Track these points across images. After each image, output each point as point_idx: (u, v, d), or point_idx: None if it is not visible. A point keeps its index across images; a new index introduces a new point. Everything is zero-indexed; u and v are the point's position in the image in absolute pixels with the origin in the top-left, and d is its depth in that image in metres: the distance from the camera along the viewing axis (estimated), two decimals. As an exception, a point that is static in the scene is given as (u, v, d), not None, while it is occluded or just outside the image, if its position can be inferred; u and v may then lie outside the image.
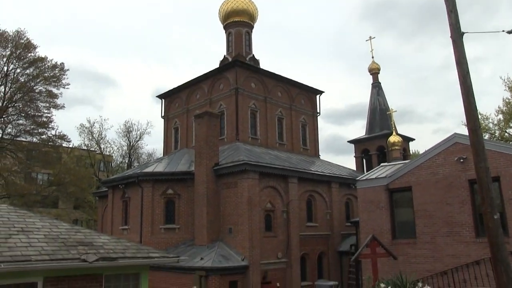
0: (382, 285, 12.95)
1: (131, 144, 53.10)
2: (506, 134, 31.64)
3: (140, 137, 53.37)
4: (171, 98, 35.92)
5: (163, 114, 36.37)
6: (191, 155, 26.92)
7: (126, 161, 53.64)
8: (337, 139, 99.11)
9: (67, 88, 37.56)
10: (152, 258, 10.80)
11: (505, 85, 31.35)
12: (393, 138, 27.29)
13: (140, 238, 24.23)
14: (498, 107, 31.34)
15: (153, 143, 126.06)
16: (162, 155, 36.09)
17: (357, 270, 21.91)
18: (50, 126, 36.98)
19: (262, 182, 24.04)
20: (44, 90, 36.39)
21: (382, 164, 22.08)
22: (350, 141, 37.71)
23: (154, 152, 56.24)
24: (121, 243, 11.03)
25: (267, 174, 24.24)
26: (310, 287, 25.15)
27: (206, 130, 24.43)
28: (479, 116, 13.95)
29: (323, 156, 46.93)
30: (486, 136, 28.98)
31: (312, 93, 35.28)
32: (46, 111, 36.73)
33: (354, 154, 37.24)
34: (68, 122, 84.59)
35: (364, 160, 36.78)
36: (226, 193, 24.11)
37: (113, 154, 54.18)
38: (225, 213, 23.99)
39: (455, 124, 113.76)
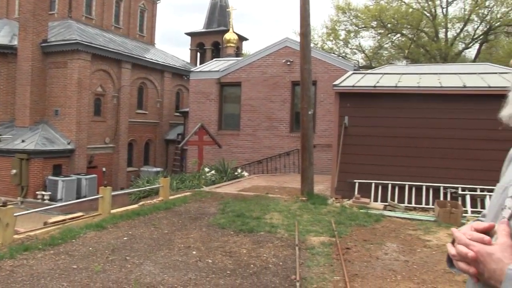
0: (207, 169, 14.24)
1: None
2: (326, 46, 34.98)
3: None
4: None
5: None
6: (13, 27, 24.37)
7: None
8: (175, 31, 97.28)
9: None
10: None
11: (332, 3, 34.11)
12: (229, 35, 28.01)
13: None
14: (324, 22, 34.25)
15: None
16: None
17: (182, 158, 23.21)
18: None
19: (94, 64, 23.18)
20: None
21: (216, 59, 22.88)
22: (187, 33, 37.64)
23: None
24: None
25: (100, 57, 23.38)
26: (135, 172, 25.91)
27: (34, 1, 22.25)
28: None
29: (159, 46, 46.25)
30: (311, 45, 31.65)
31: (154, -21, 33.82)
32: None
33: (189, 47, 37.46)
34: None
35: (199, 54, 37.26)
36: (54, 73, 22.74)
37: None
38: (52, 94, 22.75)
39: (288, 31, 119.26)
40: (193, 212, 8.70)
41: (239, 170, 15.95)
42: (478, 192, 9.69)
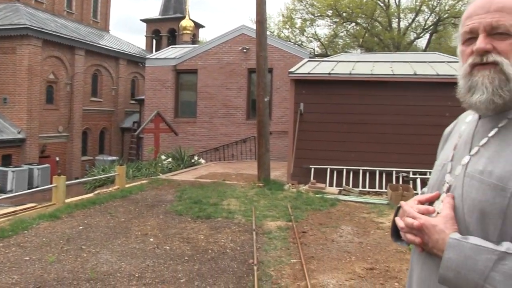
0: (163, 156, 14.15)
1: None
2: (282, 34, 35.19)
3: None
4: None
5: None
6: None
7: None
8: (130, 17, 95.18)
9: None
10: None
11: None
12: (185, 22, 27.69)
13: None
14: (280, 10, 34.48)
15: None
16: None
17: (137, 146, 22.90)
18: None
19: (46, 51, 22.47)
20: None
21: (172, 46, 22.63)
22: (143, 20, 37.00)
23: None
24: None
25: (52, 43, 22.68)
26: (90, 161, 25.43)
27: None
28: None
29: (114, 33, 45.25)
30: (267, 33, 31.78)
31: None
32: None
33: (145, 34, 36.85)
34: None
35: (155, 41, 36.73)
36: (2, 59, 21.89)
37: None
38: (0, 81, 22.01)
39: (245, 19, 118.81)
40: (150, 200, 8.66)
41: (196, 158, 15.91)
42: (428, 176, 10.05)
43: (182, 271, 4.88)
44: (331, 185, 10.54)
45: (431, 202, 1.25)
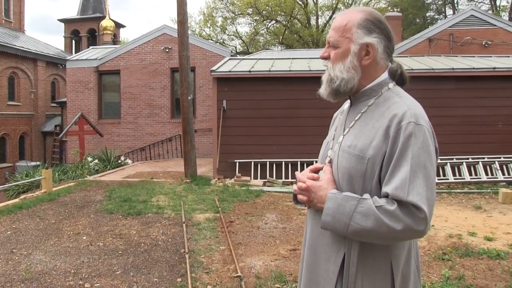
0: (90, 158, 14.06)
1: None
2: (204, 32, 35.44)
3: None
4: None
5: None
6: None
7: None
8: (47, 17, 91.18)
9: None
10: None
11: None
12: (106, 22, 27.21)
13: None
14: (201, 8, 34.66)
15: None
16: None
17: (61, 149, 22.35)
18: None
19: (-46, 54, 21.40)
20: None
21: (93, 46, 22.27)
22: (61, 20, 35.79)
23: None
24: None
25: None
26: (10, 168, 24.43)
27: None
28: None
29: (30, 33, 43.31)
30: (189, 32, 31.93)
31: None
32: None
33: (64, 34, 35.69)
34: None
35: (74, 42, 35.69)
36: None
37: None
38: None
39: (166, 19, 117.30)
40: (79, 201, 8.73)
41: (122, 158, 15.92)
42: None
43: (117, 264, 5.13)
44: (255, 177, 11.07)
45: (319, 170, 1.70)
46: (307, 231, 1.75)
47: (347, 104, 1.78)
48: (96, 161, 14.10)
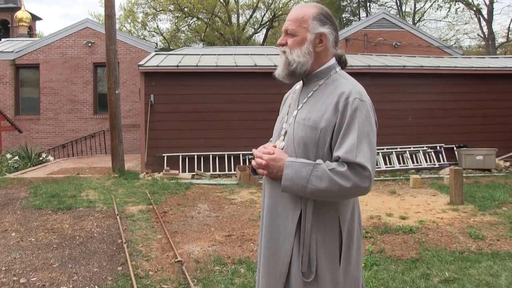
0: (9, 155, 13.48)
1: None
2: (124, 28, 34.76)
3: None
4: None
5: None
6: None
7: None
8: None
9: None
10: None
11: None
12: (21, 14, 25.81)
13: None
14: (121, 4, 33.90)
15: None
16: None
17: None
18: None
19: None
20: None
21: (7, 38, 21.21)
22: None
23: None
24: None
25: None
26: None
27: None
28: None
29: None
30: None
31: None
32: None
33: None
34: None
35: (-17, 34, 33.56)
36: None
37: None
38: None
39: (85, 12, 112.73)
40: (1, 199, 8.42)
41: (44, 155, 15.37)
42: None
43: (53, 257, 5.08)
44: (184, 171, 11.20)
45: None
46: (265, 195, 1.99)
47: (299, 84, 2.05)
48: (16, 158, 13.54)
